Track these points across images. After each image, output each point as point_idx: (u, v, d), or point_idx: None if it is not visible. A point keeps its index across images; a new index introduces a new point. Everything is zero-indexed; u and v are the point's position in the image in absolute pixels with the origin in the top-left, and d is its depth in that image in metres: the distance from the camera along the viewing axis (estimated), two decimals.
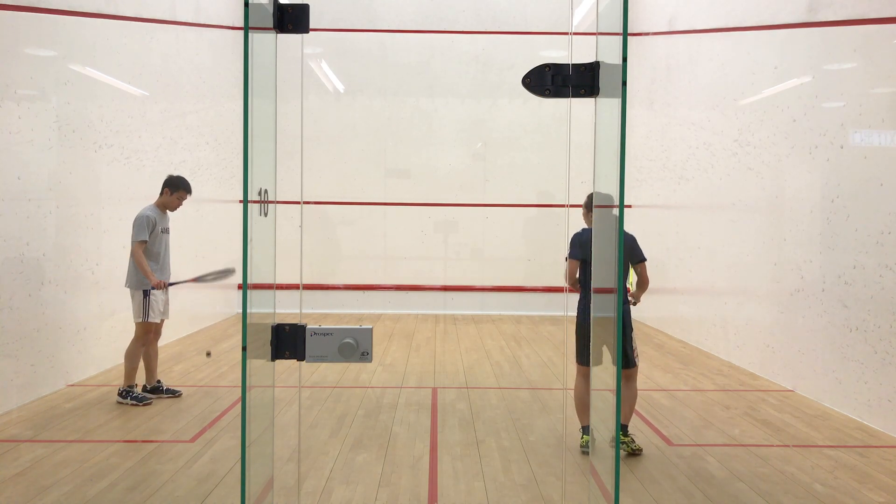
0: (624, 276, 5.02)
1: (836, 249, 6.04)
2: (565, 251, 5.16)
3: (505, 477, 4.38)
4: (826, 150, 6.20)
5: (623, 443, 4.77)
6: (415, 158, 11.87)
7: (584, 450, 4.85)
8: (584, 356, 4.98)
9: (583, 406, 4.91)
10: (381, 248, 11.89)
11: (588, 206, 4.94)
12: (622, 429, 4.82)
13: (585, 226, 5.08)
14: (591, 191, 1.87)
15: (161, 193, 6.10)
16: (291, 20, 1.75)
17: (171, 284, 6.09)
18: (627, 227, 5.36)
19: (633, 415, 5.77)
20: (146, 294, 5.88)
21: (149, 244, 5.90)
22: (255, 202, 1.69)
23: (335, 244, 11.95)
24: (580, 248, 4.89)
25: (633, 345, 4.91)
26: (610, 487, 1.75)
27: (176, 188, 6.09)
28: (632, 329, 4.95)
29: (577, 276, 4.95)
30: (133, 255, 5.86)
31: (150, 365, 6.11)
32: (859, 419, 5.70)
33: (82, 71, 6.88)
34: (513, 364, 7.85)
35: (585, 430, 4.92)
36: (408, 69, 11.75)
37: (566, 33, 10.81)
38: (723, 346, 8.33)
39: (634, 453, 4.77)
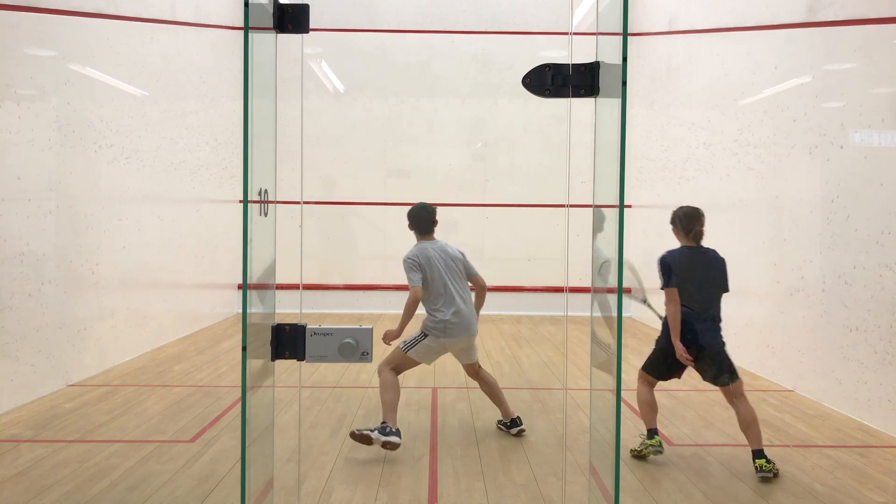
0: (713, 302, 4.70)
1: (836, 249, 6.04)
2: (565, 251, 5.18)
3: (505, 477, 4.38)
4: (826, 150, 6.20)
5: (767, 470, 4.37)
6: (415, 158, 11.87)
7: (635, 453, 4.67)
8: (656, 370, 4.81)
9: (650, 408, 4.73)
10: (381, 248, 11.88)
11: (676, 221, 4.74)
12: (759, 453, 4.43)
13: (679, 244, 4.78)
14: (592, 191, 1.87)
15: (433, 231, 5.42)
16: (291, 20, 1.75)
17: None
18: (630, 227, 5.38)
19: (634, 414, 5.77)
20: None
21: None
22: (255, 202, 1.69)
23: (335, 244, 11.95)
24: (676, 274, 4.64)
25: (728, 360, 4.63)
26: (610, 487, 1.75)
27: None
28: (723, 343, 4.66)
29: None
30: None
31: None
32: (859, 419, 5.70)
33: (82, 71, 6.88)
34: (513, 364, 7.85)
35: (651, 433, 4.66)
36: (408, 69, 11.75)
37: (566, 33, 10.81)
38: None
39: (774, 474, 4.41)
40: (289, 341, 1.78)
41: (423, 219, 5.38)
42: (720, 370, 4.57)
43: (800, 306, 6.60)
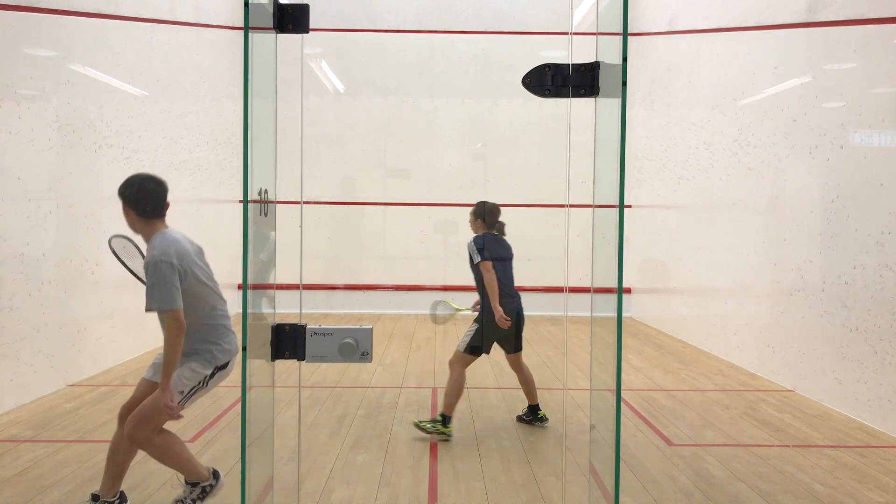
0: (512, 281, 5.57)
1: (836, 249, 6.04)
2: (565, 251, 5.25)
3: (505, 477, 4.38)
4: (826, 150, 6.20)
5: (540, 419, 5.42)
6: (415, 158, 11.87)
7: (423, 426, 5.10)
8: (476, 348, 5.34)
9: (458, 394, 5.19)
10: (381, 248, 11.89)
11: (476, 213, 5.62)
12: (534, 408, 5.47)
13: (477, 233, 5.56)
14: (592, 191, 1.87)
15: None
16: (291, 20, 1.75)
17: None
18: (630, 227, 5.40)
19: (634, 414, 5.79)
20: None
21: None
22: (255, 202, 1.69)
23: (335, 244, 11.94)
24: (489, 251, 5.42)
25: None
26: (610, 487, 1.75)
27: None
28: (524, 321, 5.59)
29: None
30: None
31: None
32: (859, 419, 5.70)
33: (82, 71, 6.88)
34: None
35: (447, 420, 5.10)
36: (408, 69, 11.75)
37: (566, 33, 10.81)
38: (723, 346, 8.32)
39: (543, 421, 5.43)
40: (289, 341, 1.78)
41: (160, 193, 3.59)
42: (518, 339, 5.48)
43: (800, 306, 6.60)
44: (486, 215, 5.60)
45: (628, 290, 11.13)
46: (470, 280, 5.78)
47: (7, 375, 5.67)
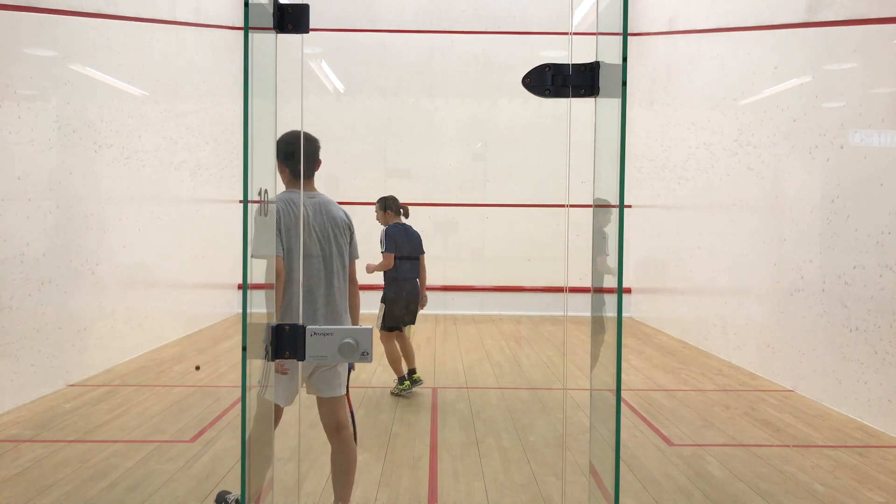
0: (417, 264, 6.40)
1: (836, 249, 6.04)
2: (565, 251, 5.28)
3: (505, 477, 4.38)
4: (826, 150, 6.20)
5: (414, 380, 6.27)
6: (415, 158, 11.88)
7: (394, 391, 6.29)
8: (390, 324, 6.27)
9: (395, 361, 6.24)
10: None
11: (381, 207, 6.31)
12: (411, 372, 6.30)
13: (383, 225, 6.32)
14: (592, 191, 1.87)
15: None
16: (291, 20, 1.74)
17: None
18: (628, 227, 5.39)
19: (633, 414, 5.80)
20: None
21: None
22: (255, 202, 1.69)
23: None
24: (395, 242, 6.20)
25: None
26: (610, 487, 1.75)
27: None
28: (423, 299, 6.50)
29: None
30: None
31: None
32: (859, 419, 5.70)
33: (82, 71, 6.88)
34: (513, 364, 7.85)
35: (401, 380, 6.27)
36: (408, 69, 11.75)
37: (566, 33, 10.81)
38: (722, 346, 8.33)
39: (415, 383, 6.31)
40: (289, 341, 1.78)
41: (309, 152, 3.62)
42: (415, 315, 6.42)
43: (800, 306, 6.61)
44: (390, 203, 6.30)
45: (628, 290, 11.14)
46: (469, 280, 5.98)
47: (7, 375, 5.67)
